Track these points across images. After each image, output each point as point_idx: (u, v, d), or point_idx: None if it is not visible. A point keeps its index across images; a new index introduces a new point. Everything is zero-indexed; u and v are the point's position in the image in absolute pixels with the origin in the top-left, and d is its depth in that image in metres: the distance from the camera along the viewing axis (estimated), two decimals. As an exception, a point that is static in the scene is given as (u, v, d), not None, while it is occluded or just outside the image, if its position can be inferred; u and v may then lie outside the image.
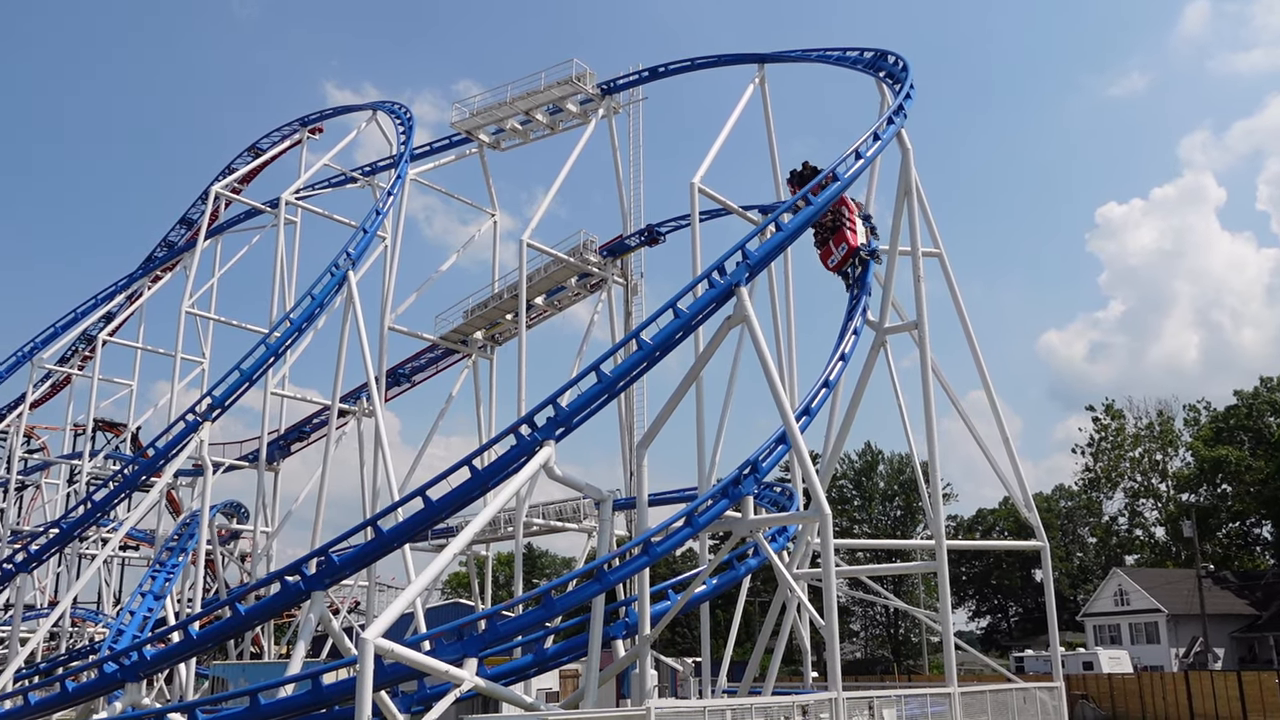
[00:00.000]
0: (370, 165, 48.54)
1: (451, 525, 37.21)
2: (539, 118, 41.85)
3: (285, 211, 42.85)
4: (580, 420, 20.43)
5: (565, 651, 22.03)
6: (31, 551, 36.43)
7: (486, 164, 43.99)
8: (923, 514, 71.36)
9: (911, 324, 26.42)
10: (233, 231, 52.43)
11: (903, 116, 26.22)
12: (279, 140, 51.17)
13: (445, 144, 45.26)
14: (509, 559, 72.22)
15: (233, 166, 51.61)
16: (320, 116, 50.79)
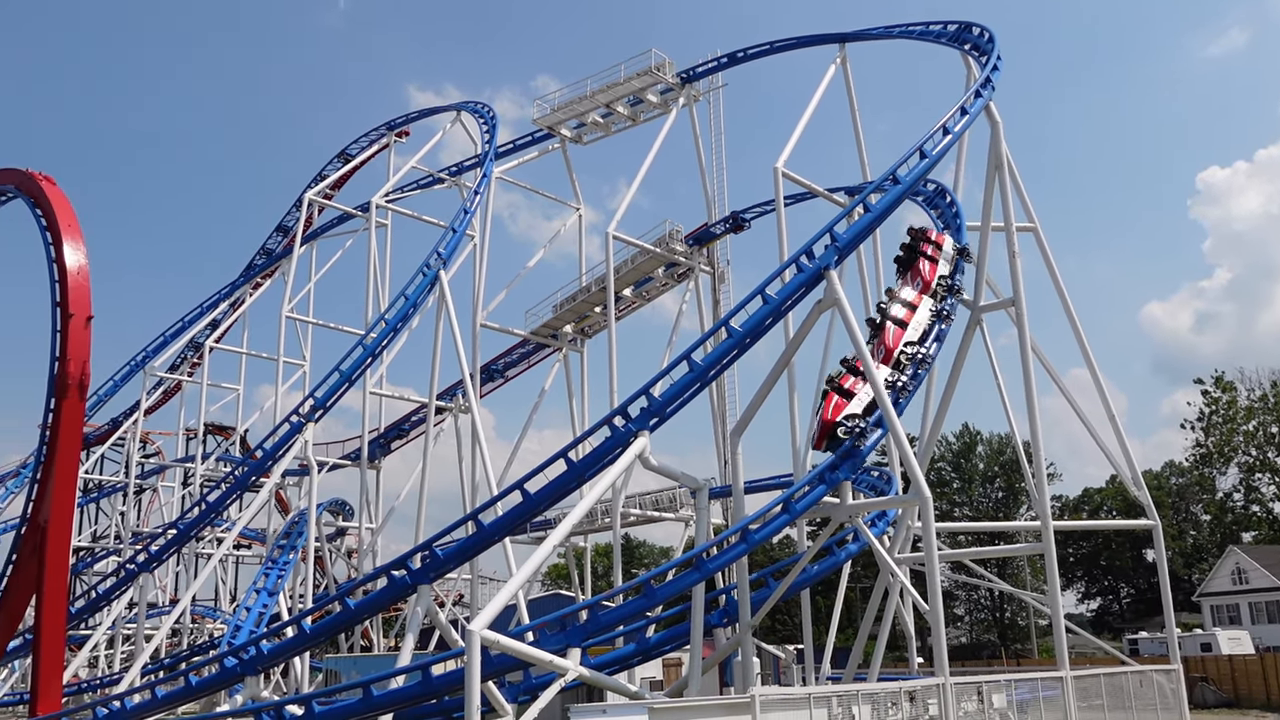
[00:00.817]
0: (456, 165, 49.28)
1: (549, 518, 37.69)
2: (620, 110, 41.96)
3: (376, 215, 43.74)
4: (673, 410, 20.50)
5: (667, 640, 22.16)
6: (152, 552, 37.99)
7: (569, 158, 44.30)
8: (1026, 495, 69.83)
9: (1008, 301, 25.85)
10: (327, 236, 53.78)
11: (990, 89, 25.63)
12: (367, 145, 52.26)
13: (528, 140, 45.68)
14: (607, 549, 72.80)
15: (324, 173, 52.88)
16: (406, 120, 51.72)
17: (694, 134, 40.87)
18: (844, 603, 30.18)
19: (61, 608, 26.93)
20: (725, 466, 37.10)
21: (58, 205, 28.98)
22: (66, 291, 27.43)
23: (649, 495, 41.72)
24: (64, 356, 26.92)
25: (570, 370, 43.16)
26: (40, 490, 26.75)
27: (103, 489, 62.21)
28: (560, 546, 37.30)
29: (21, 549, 26.80)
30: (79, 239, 28.35)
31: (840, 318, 21.76)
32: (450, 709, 20.03)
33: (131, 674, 32.58)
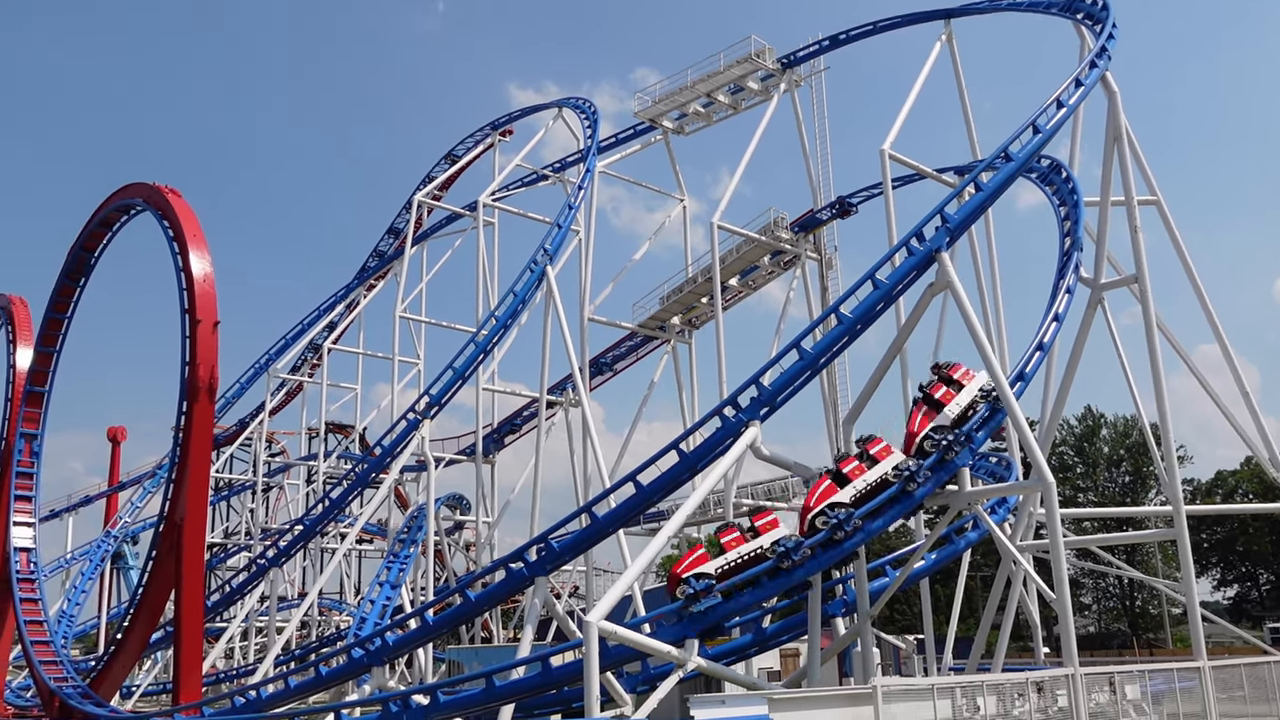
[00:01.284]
0: (559, 161, 49.71)
1: (662, 509, 37.81)
2: (721, 98, 41.74)
3: (483, 214, 44.42)
4: (784, 399, 20.34)
5: (784, 631, 22.01)
6: (280, 547, 39.39)
7: (672, 150, 44.25)
8: (1155, 479, 67.25)
9: (1130, 278, 24.93)
10: (436, 237, 54.88)
11: (1106, 59, 24.68)
12: (472, 146, 53.14)
13: (630, 133, 45.80)
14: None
15: (432, 175, 53.94)
16: (509, 119, 52.40)
17: (797, 119, 40.41)
18: (964, 592, 29.55)
19: (199, 602, 28.14)
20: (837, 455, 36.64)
21: (183, 216, 30.23)
22: (194, 299, 28.61)
23: (760, 485, 41.48)
24: (194, 361, 28.10)
25: (679, 362, 43.16)
26: (176, 490, 27.98)
27: (233, 487, 64.75)
28: (674, 538, 37.38)
29: (160, 546, 28.09)
30: (204, 248, 29.52)
31: (953, 300, 21.28)
32: (570, 699, 20.28)
33: (265, 665, 33.91)
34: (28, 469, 36.47)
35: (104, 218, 35.20)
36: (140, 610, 28.65)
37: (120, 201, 34.24)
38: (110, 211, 34.88)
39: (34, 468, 36.71)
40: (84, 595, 57.76)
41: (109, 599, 61.09)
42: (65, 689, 29.83)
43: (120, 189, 34.33)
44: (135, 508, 61.47)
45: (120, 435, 67.60)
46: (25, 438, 36.51)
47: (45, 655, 32.41)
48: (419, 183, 53.64)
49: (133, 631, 28.86)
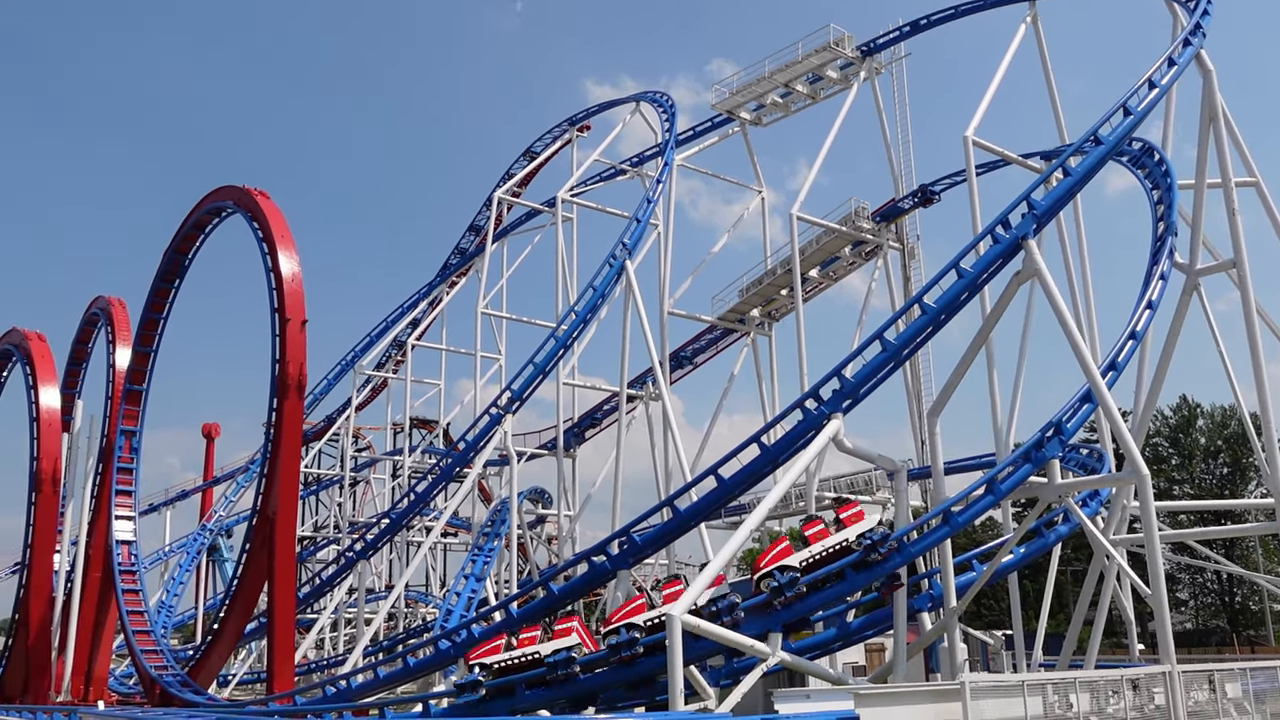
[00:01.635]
0: (637, 156, 49.73)
1: (744, 502, 37.65)
2: (799, 88, 41.34)
3: (562, 209, 44.70)
4: (866, 391, 20.12)
5: (868, 625, 21.75)
6: (368, 540, 40.16)
7: (749, 141, 43.98)
8: (1254, 470, 64.90)
9: (1228, 262, 24.09)
10: (516, 233, 55.37)
11: (1201, 36, 23.86)
12: (551, 142, 53.44)
13: (707, 126, 45.63)
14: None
15: (511, 172, 54.39)
16: (586, 114, 52.57)
17: (877, 107, 39.83)
18: (1054, 587, 28.87)
19: (291, 593, 28.88)
20: (922, 447, 36.10)
21: (271, 217, 30.96)
22: (283, 298, 29.30)
23: (843, 478, 41.08)
24: (283, 359, 28.79)
25: (759, 354, 42.93)
26: (268, 485, 28.71)
27: (321, 482, 66.21)
28: (755, 531, 37.25)
29: (253, 539, 28.86)
30: (292, 248, 30.21)
31: (1041, 289, 20.80)
32: (654, 691, 20.31)
33: (354, 655, 34.63)
34: (128, 465, 37.76)
35: (197, 220, 36.22)
36: (235, 601, 29.48)
37: (212, 204, 35.20)
38: (203, 214, 35.87)
39: (133, 463, 38.00)
40: (182, 587, 59.74)
41: (205, 590, 63.05)
42: (165, 677, 30.83)
43: (211, 192, 35.29)
44: (229, 502, 63.33)
45: (214, 432, 69.69)
46: (125, 434, 37.80)
47: (146, 644, 33.54)
48: (499, 180, 54.15)
49: (228, 622, 29.71)
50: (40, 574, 38.41)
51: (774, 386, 41.80)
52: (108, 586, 36.16)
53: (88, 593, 36.50)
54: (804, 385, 32.66)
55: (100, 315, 40.96)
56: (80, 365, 43.73)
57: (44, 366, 40.78)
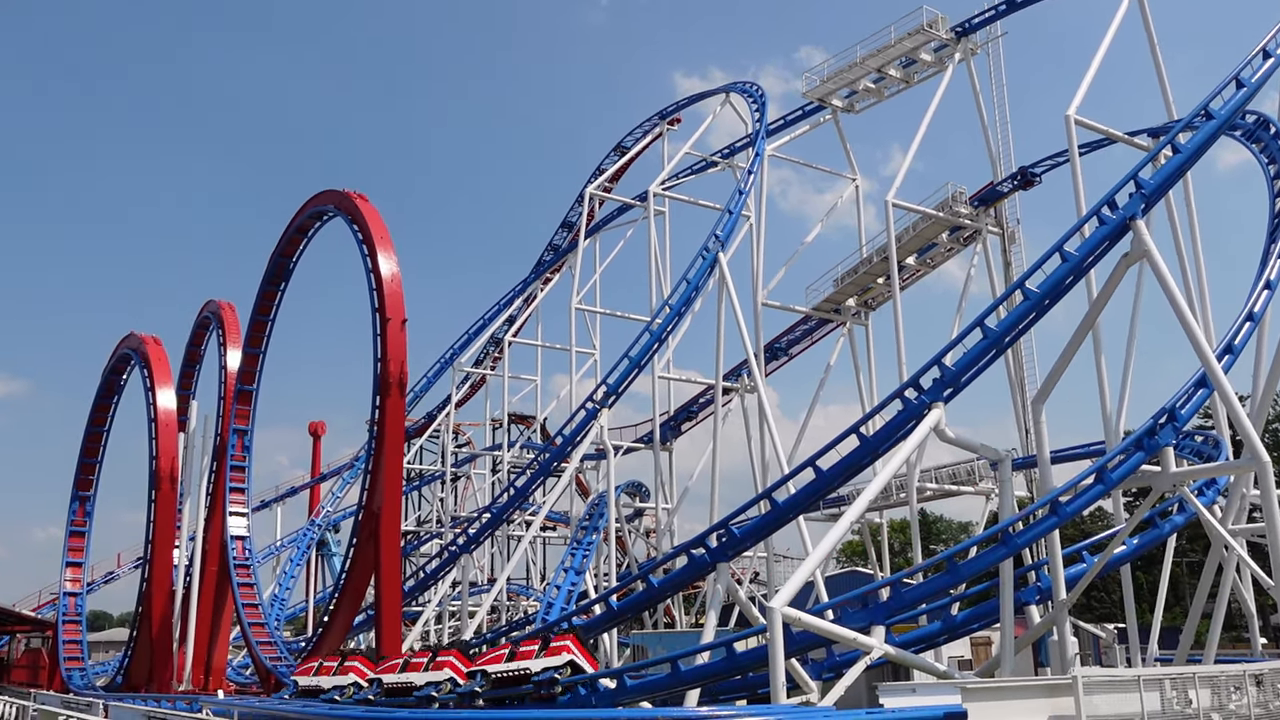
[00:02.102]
0: (728, 147, 49.48)
1: (842, 494, 37.25)
2: (892, 73, 40.61)
3: (654, 203, 44.72)
4: (968, 380, 19.72)
5: (974, 619, 21.34)
6: (470, 535, 40.87)
7: (842, 128, 43.40)
8: (1383, 455, 61.75)
9: (1352, 238, 22.87)
10: (609, 228, 55.57)
11: (1320, 0, 22.73)
12: (641, 136, 53.52)
13: (798, 114, 45.14)
14: (903, 525, 71.00)
15: (602, 167, 54.66)
16: (676, 107, 52.52)
17: (973, 89, 38.88)
18: (1169, 578, 27.90)
19: (397, 586, 29.55)
20: (1027, 436, 35.22)
21: (371, 220, 31.69)
22: (383, 298, 29.97)
23: (944, 469, 40.34)
24: (384, 358, 29.46)
25: (855, 344, 42.37)
26: (372, 480, 29.43)
27: (423, 477, 67.54)
28: (855, 523, 36.90)
29: (360, 534, 29.62)
30: (391, 249, 30.87)
31: (1151, 271, 20.11)
32: (755, 685, 20.26)
33: (459, 647, 35.26)
34: (240, 463, 39.11)
35: (300, 225, 37.28)
36: (344, 595, 30.30)
37: (314, 209, 36.18)
38: (305, 219, 36.90)
39: (245, 461, 39.35)
40: (293, 580, 61.70)
41: (315, 584, 64.98)
42: (279, 668, 31.87)
43: (313, 197, 36.28)
44: (336, 498, 65.14)
45: (320, 430, 71.68)
46: (237, 433, 39.15)
47: (261, 636, 34.72)
48: (590, 175, 54.49)
49: (338, 614, 30.54)
50: (161, 569, 40.07)
51: (871, 377, 41.22)
52: (224, 580, 37.51)
53: (205, 586, 37.91)
54: (902, 375, 32.17)
55: (212, 318, 42.44)
56: (194, 367, 45.41)
57: (160, 369, 42.45)
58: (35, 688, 41.40)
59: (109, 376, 47.90)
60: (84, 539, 47.51)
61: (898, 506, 42.01)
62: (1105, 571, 22.14)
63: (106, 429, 48.77)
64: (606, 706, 19.00)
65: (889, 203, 35.53)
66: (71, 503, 47.77)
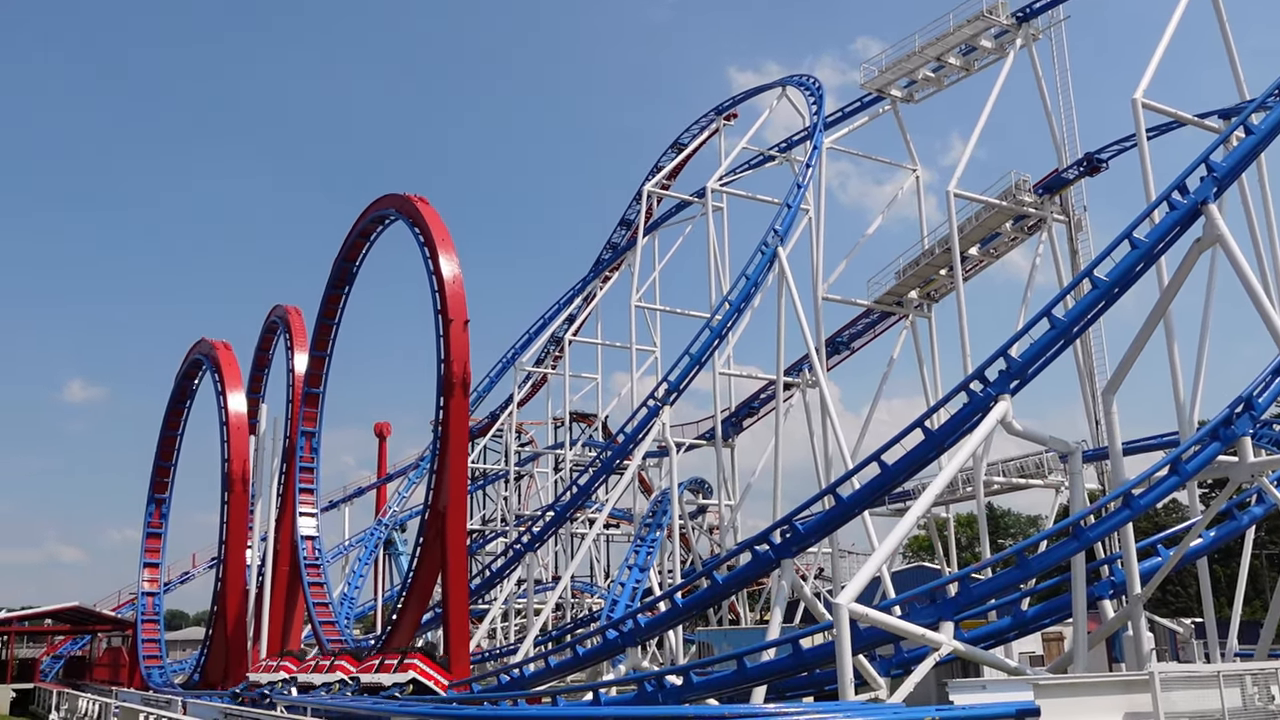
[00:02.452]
0: (785, 141, 49.17)
1: (907, 489, 36.87)
2: (951, 61, 40.06)
3: (712, 199, 44.61)
4: (1035, 371, 19.36)
5: (1045, 614, 20.95)
6: (534, 533, 41.15)
7: (901, 119, 42.90)
8: None
9: None
10: (667, 225, 55.58)
11: (1400, -28, 21.94)
12: (698, 132, 53.37)
13: (856, 106, 44.72)
14: (969, 520, 70.06)
15: (659, 164, 54.64)
16: (733, 102, 52.29)
17: (1035, 75, 38.17)
18: (1249, 571, 27.17)
19: (463, 584, 29.85)
20: (1097, 427, 34.53)
21: (431, 222, 32.03)
22: (445, 299, 30.28)
23: (1012, 461, 39.66)
24: (448, 358, 29.76)
25: (918, 337, 41.87)
26: (438, 480, 29.74)
27: (487, 476, 68.14)
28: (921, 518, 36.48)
29: (426, 533, 29.96)
30: (452, 251, 31.17)
31: (1225, 256, 19.58)
32: (822, 681, 20.14)
33: (525, 645, 35.53)
34: (308, 464, 39.81)
35: (362, 229, 37.81)
36: (412, 593, 30.68)
37: (375, 213, 36.67)
38: (367, 223, 37.42)
39: (314, 463, 40.04)
40: (361, 579, 62.63)
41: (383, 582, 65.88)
42: (350, 665, 32.34)
43: (375, 201, 36.77)
44: (402, 497, 65.98)
45: (385, 430, 72.65)
46: (305, 435, 39.85)
47: (331, 634, 35.30)
48: (648, 173, 54.51)
49: (406, 613, 30.94)
50: (235, 568, 40.96)
51: (935, 369, 40.70)
52: (295, 580, 38.22)
53: (277, 586, 38.65)
54: (967, 367, 31.74)
55: (279, 323, 43.25)
56: (263, 371, 46.33)
57: (231, 374, 43.38)
58: (116, 685, 42.61)
59: (181, 382, 49.07)
60: (160, 540, 48.76)
61: (964, 501, 41.46)
62: (1181, 565, 21.59)
63: (180, 433, 50.01)
64: (673, 703, 19.00)
65: (951, 193, 35.05)
66: (148, 505, 49.05)
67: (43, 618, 58.28)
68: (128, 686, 42.02)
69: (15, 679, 50.96)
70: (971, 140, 36.44)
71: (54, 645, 65.93)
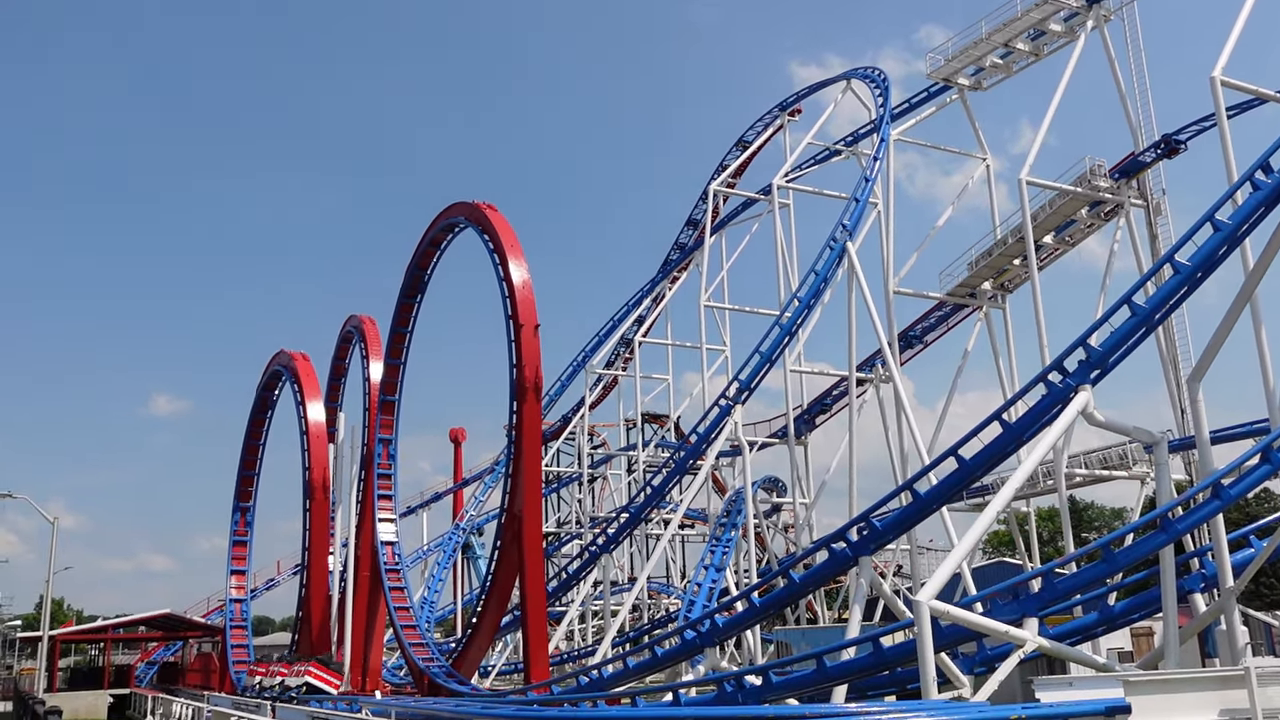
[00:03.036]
0: (851, 135, 48.73)
1: (986, 483, 36.27)
2: (1020, 47, 39.31)
3: (778, 196, 44.36)
4: (1116, 360, 18.89)
5: (1134, 609, 20.44)
6: (609, 535, 41.33)
7: (970, 108, 42.21)
8: None
9: None
10: (734, 224, 55.43)
11: None
12: (762, 130, 53.11)
13: (923, 97, 44.14)
14: (1050, 514, 68.66)
15: (724, 163, 54.48)
16: (797, 98, 51.93)
17: (1108, 56, 37.28)
18: (1349, 563, 26.18)
19: (541, 587, 30.07)
20: (1183, 416, 33.60)
21: (500, 229, 32.34)
22: (515, 305, 30.55)
23: (1094, 453, 38.77)
24: (519, 363, 30.02)
25: (993, 329, 41.14)
26: (513, 484, 30.03)
27: (561, 479, 68.64)
28: (1002, 512, 35.85)
29: (503, 536, 30.25)
30: (521, 257, 31.44)
31: (1314, 235, 18.88)
32: (904, 680, 19.87)
33: (603, 646, 35.71)
34: (386, 471, 40.44)
35: (432, 238, 38.32)
36: (490, 596, 31.01)
37: (445, 221, 37.14)
38: (437, 232, 37.91)
39: (391, 469, 40.67)
40: (441, 583, 63.49)
41: (462, 586, 66.72)
42: (432, 668, 32.81)
43: (444, 210, 37.23)
44: (478, 501, 66.73)
45: (460, 436, 73.59)
46: (383, 442, 40.50)
47: (413, 638, 35.82)
48: (713, 172, 54.40)
49: (485, 616, 31.28)
50: (318, 574, 41.80)
51: (1011, 361, 39.98)
52: (376, 585, 38.85)
53: (359, 591, 39.33)
54: (1045, 358, 31.14)
55: (354, 333, 44.04)
56: (340, 380, 47.21)
57: (309, 384, 44.30)
58: (208, 690, 43.76)
59: (262, 393, 50.22)
60: (246, 548, 49.98)
61: (1045, 494, 40.61)
62: (1275, 557, 20.90)
63: (262, 442, 51.22)
64: (753, 703, 18.92)
65: (1023, 181, 34.41)
66: (233, 513, 50.30)
67: (137, 625, 60.27)
68: (219, 691, 43.13)
69: (112, 684, 52.72)
70: (1043, 126, 35.73)
71: (148, 651, 68.01)
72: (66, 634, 59.61)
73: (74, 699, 48.75)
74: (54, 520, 56.45)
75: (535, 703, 24.59)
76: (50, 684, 51.56)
